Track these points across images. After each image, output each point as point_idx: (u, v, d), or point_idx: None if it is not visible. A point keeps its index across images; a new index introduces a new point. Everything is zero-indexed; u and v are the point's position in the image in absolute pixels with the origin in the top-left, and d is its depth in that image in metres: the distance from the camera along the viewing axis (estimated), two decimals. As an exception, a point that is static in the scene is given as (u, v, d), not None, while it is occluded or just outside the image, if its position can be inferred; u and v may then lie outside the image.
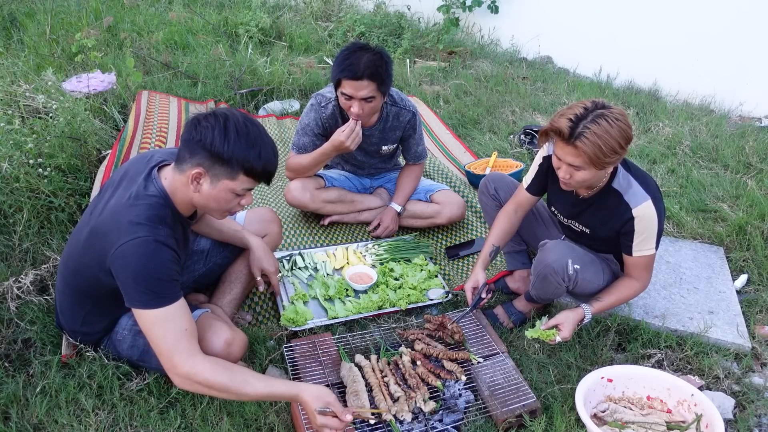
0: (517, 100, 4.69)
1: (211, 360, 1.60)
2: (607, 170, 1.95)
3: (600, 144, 1.77)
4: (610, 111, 1.81)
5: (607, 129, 1.77)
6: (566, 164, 1.90)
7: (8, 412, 1.82)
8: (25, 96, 3.39)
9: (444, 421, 1.88)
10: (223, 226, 2.20)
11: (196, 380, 1.57)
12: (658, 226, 2.01)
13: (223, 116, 1.64)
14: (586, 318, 2.10)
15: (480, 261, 2.29)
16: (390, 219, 2.92)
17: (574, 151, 1.83)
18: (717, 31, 4.58)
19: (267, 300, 2.46)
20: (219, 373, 1.57)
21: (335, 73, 2.49)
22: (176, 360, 1.57)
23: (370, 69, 2.42)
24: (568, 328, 2.04)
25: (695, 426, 1.84)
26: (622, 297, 2.16)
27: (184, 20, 5.59)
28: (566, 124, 1.81)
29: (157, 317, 1.58)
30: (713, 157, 3.82)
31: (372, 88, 2.47)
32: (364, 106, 2.51)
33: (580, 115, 1.80)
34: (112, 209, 1.66)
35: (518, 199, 2.36)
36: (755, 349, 2.30)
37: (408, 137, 2.88)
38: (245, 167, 1.65)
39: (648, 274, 2.14)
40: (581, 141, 1.79)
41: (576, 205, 2.17)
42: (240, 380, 1.58)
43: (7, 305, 2.17)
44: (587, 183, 1.96)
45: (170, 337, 1.58)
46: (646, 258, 2.08)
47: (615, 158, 1.84)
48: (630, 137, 1.84)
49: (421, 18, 6.36)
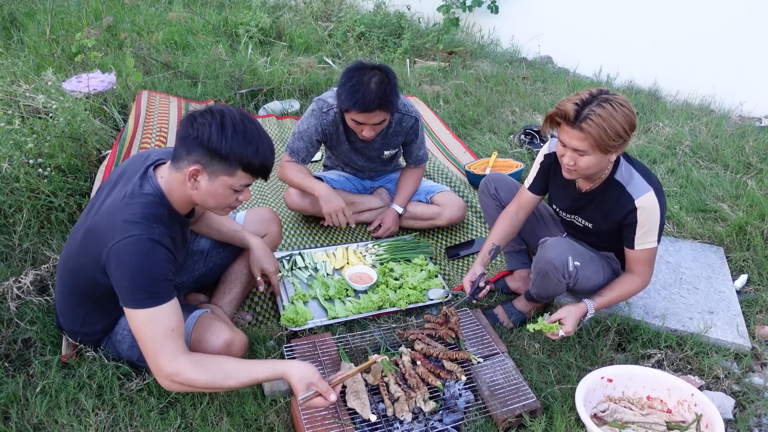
0: (517, 100, 4.69)
1: (191, 358, 1.59)
2: (610, 157, 1.94)
3: (605, 126, 1.80)
4: (615, 97, 1.85)
5: (612, 113, 1.81)
6: (571, 150, 1.91)
7: (8, 412, 1.82)
8: (25, 96, 3.39)
9: (444, 421, 1.88)
10: (222, 226, 2.20)
11: (179, 381, 1.57)
12: (660, 219, 2.01)
13: (219, 112, 1.63)
14: (589, 313, 2.09)
15: (479, 258, 2.30)
16: (391, 220, 2.92)
17: (579, 135, 1.85)
18: (717, 31, 4.58)
19: (267, 300, 2.46)
20: (198, 371, 1.57)
21: (345, 104, 2.46)
22: (161, 361, 1.57)
23: (380, 99, 2.42)
24: (571, 323, 2.04)
25: (695, 426, 1.84)
26: (624, 293, 2.15)
27: (184, 20, 5.59)
28: (572, 108, 1.84)
29: (147, 317, 1.57)
30: (713, 157, 3.82)
31: (383, 115, 2.50)
32: (375, 128, 2.55)
33: (586, 100, 1.84)
34: (107, 208, 1.66)
35: (521, 200, 2.36)
36: (755, 349, 2.30)
37: (410, 142, 2.88)
38: (243, 163, 1.65)
39: (650, 269, 2.13)
40: (587, 123, 1.82)
41: (578, 200, 2.18)
42: (222, 375, 1.59)
43: (7, 305, 2.17)
44: (591, 170, 1.97)
45: (156, 338, 1.57)
46: (648, 252, 2.08)
47: (619, 143, 1.86)
48: (634, 124, 1.87)
49: (421, 18, 6.36)
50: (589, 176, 2.05)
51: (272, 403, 1.92)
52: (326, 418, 1.80)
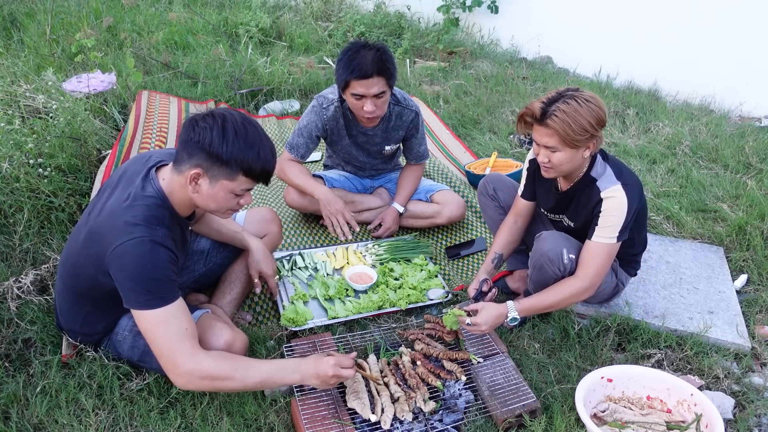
0: (517, 100, 4.69)
1: (212, 354, 1.64)
2: (582, 153, 1.98)
3: (569, 121, 1.87)
4: (581, 93, 1.91)
5: (576, 108, 1.87)
6: (543, 147, 1.98)
7: (8, 412, 1.82)
8: (25, 96, 3.39)
9: (444, 421, 1.88)
10: (222, 227, 2.20)
11: (201, 375, 1.59)
12: (625, 216, 2.00)
13: (221, 117, 1.63)
14: (510, 314, 2.06)
15: (483, 267, 2.33)
16: (391, 219, 2.92)
17: (547, 131, 1.92)
18: (717, 31, 4.58)
19: (267, 300, 2.46)
20: (222, 365, 1.61)
21: (343, 76, 2.47)
22: (179, 359, 1.58)
23: (377, 65, 2.43)
24: (483, 316, 2.04)
25: (695, 426, 1.84)
26: (559, 297, 2.06)
27: (184, 20, 5.59)
28: (539, 106, 1.93)
29: (157, 318, 1.58)
30: (713, 157, 3.82)
31: (382, 83, 2.49)
32: (376, 102, 2.53)
33: (552, 98, 1.92)
34: (109, 210, 1.66)
35: (517, 209, 2.39)
36: (755, 349, 2.30)
37: (411, 137, 2.88)
38: (244, 168, 1.65)
39: (597, 268, 2.03)
40: (552, 119, 1.89)
41: (560, 200, 2.21)
42: (245, 368, 1.64)
43: (7, 305, 2.17)
44: (565, 167, 2.01)
45: (171, 338, 1.59)
46: (602, 247, 2.03)
47: (586, 137, 1.91)
48: (602, 119, 1.92)
49: (421, 18, 6.36)
50: (567, 174, 2.09)
51: (272, 403, 1.92)
52: (326, 418, 1.80)
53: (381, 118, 2.73)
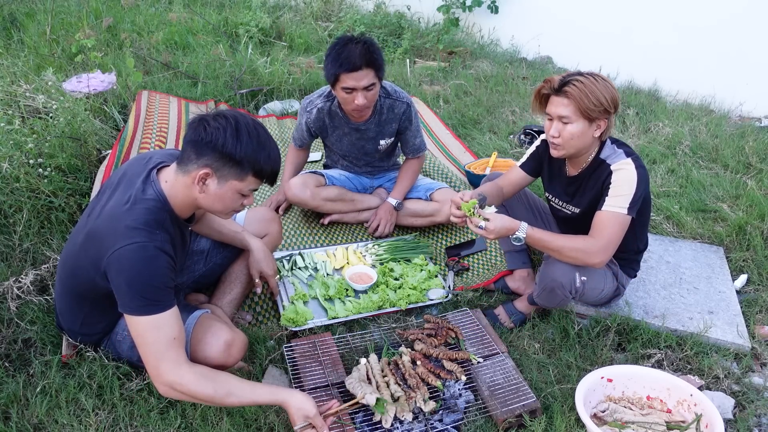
0: (517, 100, 4.69)
1: (196, 370, 1.61)
2: (592, 130, 2.01)
3: (587, 92, 1.93)
4: (598, 74, 2.01)
5: (593, 82, 1.96)
6: (556, 119, 2.01)
7: (8, 412, 1.82)
8: (25, 96, 3.39)
9: (444, 421, 1.88)
10: (223, 228, 2.20)
11: (180, 390, 1.59)
12: (636, 190, 2.00)
13: (233, 117, 1.65)
14: (519, 232, 2.04)
15: None
16: (384, 212, 2.93)
17: (563, 100, 1.97)
18: (717, 31, 4.58)
19: (267, 300, 2.46)
20: (203, 385, 1.59)
21: (332, 70, 2.49)
22: (162, 368, 1.58)
23: (366, 57, 2.45)
24: (495, 224, 2.00)
25: (695, 426, 1.84)
26: (569, 245, 2.03)
27: (184, 20, 5.60)
28: (558, 78, 2.00)
29: (148, 324, 1.58)
30: (713, 157, 3.82)
31: (371, 75, 2.51)
32: (367, 95, 2.55)
33: (572, 73, 2.01)
34: (109, 212, 1.66)
35: (509, 177, 2.40)
36: (755, 349, 2.30)
37: (405, 129, 2.88)
38: (255, 168, 1.67)
39: (609, 237, 2.00)
40: (570, 87, 1.95)
41: (569, 185, 2.22)
42: (224, 392, 1.62)
43: (7, 305, 2.17)
44: (575, 142, 2.03)
45: (158, 345, 1.58)
46: (614, 215, 2.01)
47: (600, 110, 1.95)
48: (616, 100, 1.98)
49: (421, 18, 6.36)
50: (575, 155, 2.10)
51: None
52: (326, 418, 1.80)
53: (372, 111, 2.74)
